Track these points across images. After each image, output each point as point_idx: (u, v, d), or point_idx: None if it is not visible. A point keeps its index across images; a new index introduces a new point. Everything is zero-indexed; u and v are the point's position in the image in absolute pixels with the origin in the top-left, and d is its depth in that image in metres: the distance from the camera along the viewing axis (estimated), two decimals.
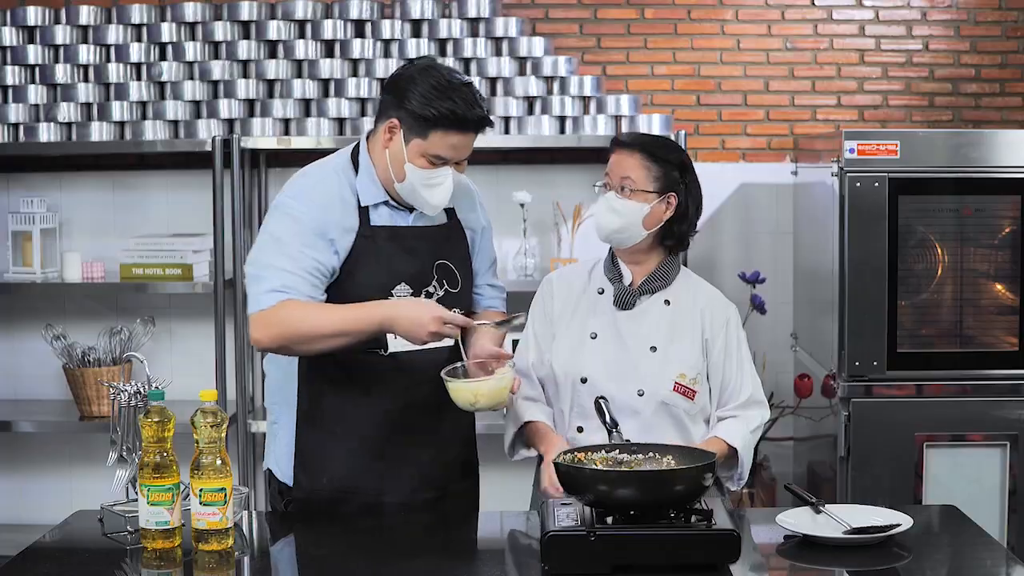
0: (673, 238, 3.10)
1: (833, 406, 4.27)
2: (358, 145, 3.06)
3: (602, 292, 3.13)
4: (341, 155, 3.07)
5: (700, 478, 2.59)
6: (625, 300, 3.09)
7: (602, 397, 2.99)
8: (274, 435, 3.15)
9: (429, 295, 3.03)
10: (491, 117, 2.97)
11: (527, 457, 3.17)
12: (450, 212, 3.11)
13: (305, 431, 3.06)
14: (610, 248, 3.17)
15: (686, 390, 3.04)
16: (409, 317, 2.84)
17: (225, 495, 2.68)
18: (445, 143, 2.89)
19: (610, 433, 2.91)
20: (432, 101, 2.86)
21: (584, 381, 3.06)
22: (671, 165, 3.06)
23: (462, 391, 2.87)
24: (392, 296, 2.97)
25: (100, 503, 2.91)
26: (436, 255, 3.05)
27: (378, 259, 2.97)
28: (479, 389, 2.86)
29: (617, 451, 2.79)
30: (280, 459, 3.11)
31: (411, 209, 3.03)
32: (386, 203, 3.01)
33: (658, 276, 3.11)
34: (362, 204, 2.99)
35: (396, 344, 2.98)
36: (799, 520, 2.83)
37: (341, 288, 2.96)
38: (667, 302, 3.10)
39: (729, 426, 3.07)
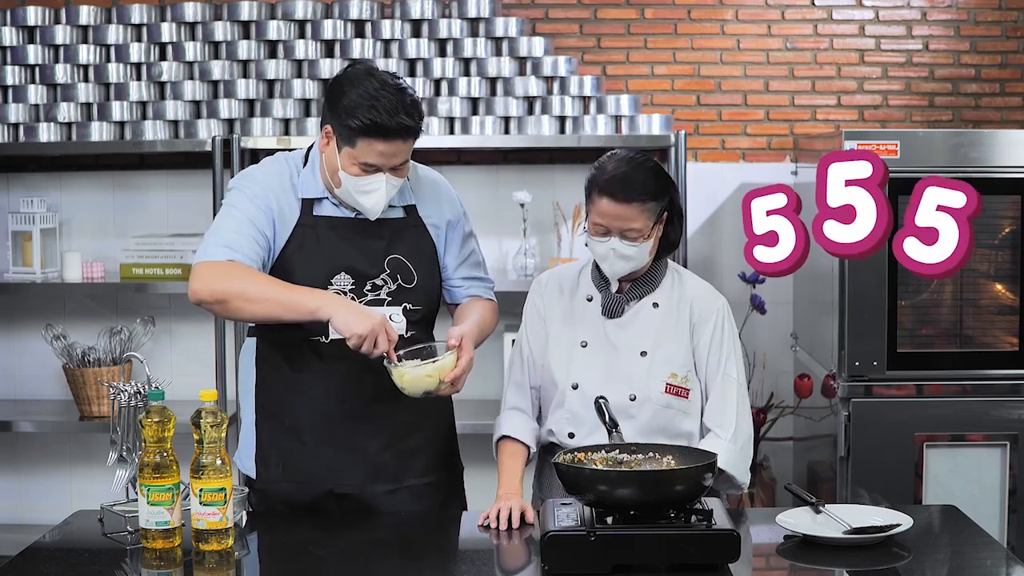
0: (669, 248, 3.09)
1: (833, 406, 4.28)
2: (315, 143, 3.12)
3: (591, 300, 3.12)
4: (297, 151, 3.15)
5: (700, 478, 2.59)
6: (614, 309, 3.08)
7: (602, 397, 2.98)
8: (240, 431, 3.19)
9: (377, 287, 3.05)
10: (420, 126, 2.95)
11: None
12: (410, 208, 3.13)
13: (261, 422, 3.10)
14: None
15: (679, 390, 3.03)
16: (349, 309, 2.86)
17: (225, 495, 2.68)
18: (372, 151, 2.92)
19: (610, 433, 2.90)
20: (355, 111, 2.89)
21: (575, 388, 3.06)
22: (662, 192, 2.99)
23: (393, 375, 2.90)
24: (331, 286, 3.00)
25: (100, 503, 2.91)
26: (389, 249, 3.07)
27: (317, 248, 3.01)
28: (404, 374, 2.89)
29: (617, 451, 2.79)
30: (243, 453, 3.16)
31: None
32: (328, 199, 3.06)
33: (645, 281, 3.09)
34: (299, 195, 3.04)
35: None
36: (799, 520, 2.83)
37: (279, 275, 2.99)
38: (655, 305, 3.08)
39: (709, 444, 2.97)
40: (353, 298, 3.01)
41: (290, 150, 4.29)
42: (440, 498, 3.18)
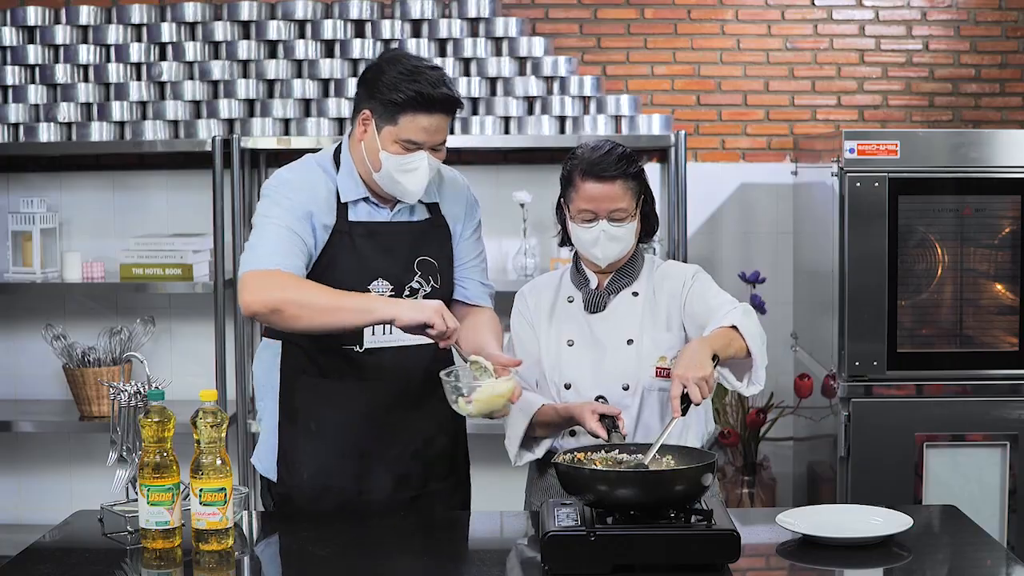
0: (650, 232, 3.12)
1: (833, 406, 4.27)
2: (341, 144, 3.09)
3: (571, 300, 3.13)
4: (324, 153, 3.11)
5: (700, 478, 2.59)
6: (596, 303, 3.09)
7: (600, 397, 3.00)
8: (260, 431, 3.18)
9: (413, 291, 3.04)
10: (462, 99, 3.00)
11: (530, 460, 3.16)
12: (433, 207, 3.12)
13: (286, 427, 3.08)
14: (574, 255, 3.16)
15: (668, 371, 3.03)
16: (406, 304, 2.84)
17: (225, 495, 2.68)
18: (415, 126, 2.91)
19: (610, 433, 2.91)
20: (399, 85, 2.90)
21: (568, 387, 3.06)
22: (638, 171, 3.04)
23: (461, 400, 2.82)
24: (370, 292, 2.98)
25: (100, 503, 2.91)
26: (418, 251, 3.07)
27: (354, 255, 2.99)
28: (478, 396, 2.81)
29: (617, 451, 2.79)
30: (263, 455, 3.14)
31: (392, 206, 3.06)
32: (366, 199, 3.04)
33: (626, 272, 3.11)
34: (342, 200, 3.01)
35: (372, 340, 3.00)
36: (799, 520, 2.83)
37: (318, 282, 2.96)
38: (635, 294, 3.11)
39: (717, 320, 2.92)
40: None
41: (290, 150, 4.29)
42: (459, 500, 3.21)
